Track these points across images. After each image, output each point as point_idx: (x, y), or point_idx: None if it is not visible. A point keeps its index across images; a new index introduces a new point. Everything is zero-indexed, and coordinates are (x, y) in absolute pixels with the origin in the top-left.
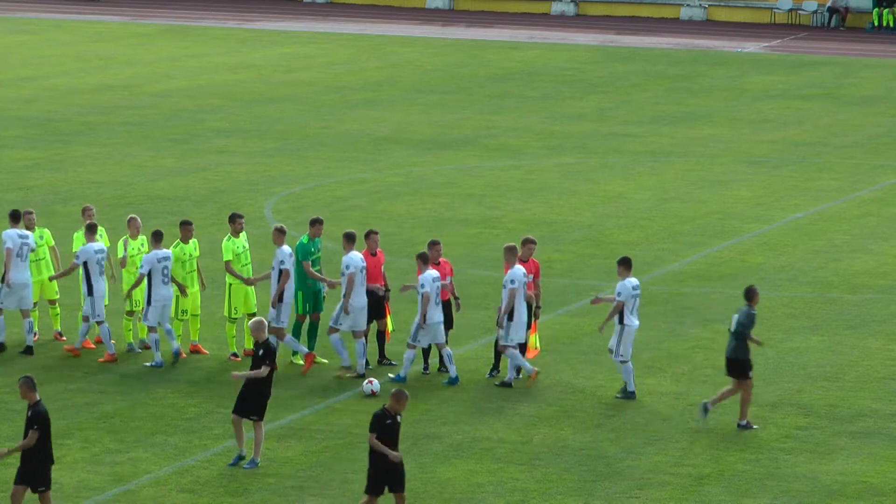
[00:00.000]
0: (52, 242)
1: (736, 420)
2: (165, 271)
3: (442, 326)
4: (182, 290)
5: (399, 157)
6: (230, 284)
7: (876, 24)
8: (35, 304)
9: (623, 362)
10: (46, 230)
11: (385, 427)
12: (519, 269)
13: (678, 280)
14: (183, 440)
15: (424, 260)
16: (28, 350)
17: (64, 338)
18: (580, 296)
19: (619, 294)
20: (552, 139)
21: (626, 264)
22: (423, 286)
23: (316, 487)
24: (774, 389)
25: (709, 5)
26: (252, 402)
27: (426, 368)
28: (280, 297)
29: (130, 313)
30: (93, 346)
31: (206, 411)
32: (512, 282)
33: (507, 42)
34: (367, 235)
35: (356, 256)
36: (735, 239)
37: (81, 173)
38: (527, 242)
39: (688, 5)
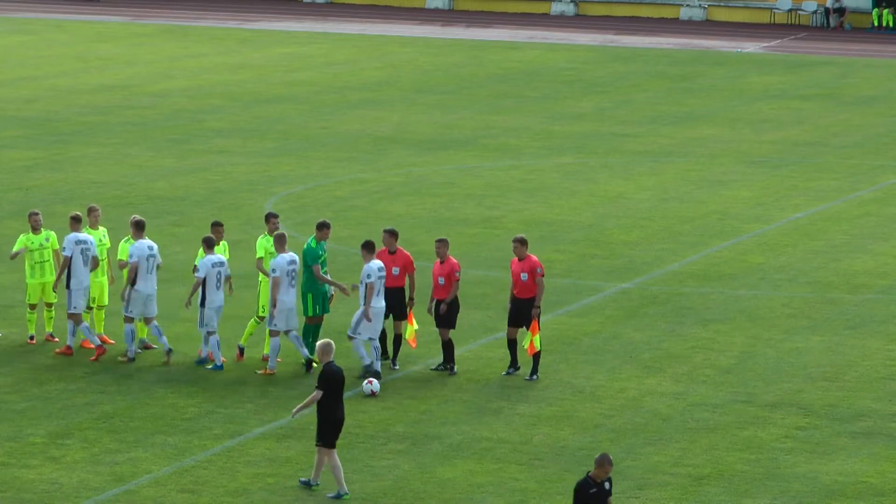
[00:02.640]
0: (57, 246)
1: (735, 420)
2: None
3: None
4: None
5: (399, 157)
6: (262, 282)
7: (876, 24)
8: (34, 306)
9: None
10: (52, 233)
11: (591, 497)
12: (374, 263)
13: (678, 280)
14: (183, 440)
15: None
16: None
17: (56, 339)
18: (580, 296)
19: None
20: (552, 139)
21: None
22: (368, 277)
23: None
24: (774, 389)
25: (708, 5)
26: (320, 427)
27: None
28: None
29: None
30: (91, 346)
31: (206, 411)
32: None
33: (506, 42)
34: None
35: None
36: (735, 239)
37: (81, 173)
38: (514, 242)
39: (687, 5)
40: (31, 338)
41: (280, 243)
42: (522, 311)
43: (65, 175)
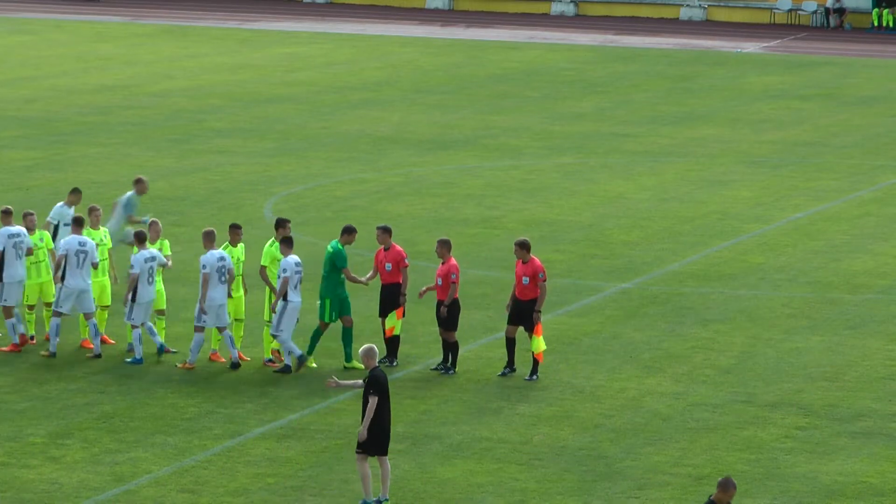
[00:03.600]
0: (52, 245)
1: (735, 420)
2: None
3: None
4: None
5: (399, 157)
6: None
7: (876, 24)
8: (33, 306)
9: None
10: (46, 233)
11: None
12: (291, 258)
13: (678, 280)
14: (183, 440)
15: (288, 245)
16: None
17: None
18: (580, 296)
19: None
20: (552, 139)
21: (287, 243)
22: (284, 271)
23: (316, 487)
24: (774, 389)
25: (708, 6)
26: (371, 435)
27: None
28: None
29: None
30: (92, 344)
31: (206, 411)
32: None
33: (506, 42)
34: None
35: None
36: (735, 239)
37: (81, 173)
38: (515, 245)
39: (687, 5)
40: (32, 338)
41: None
42: (522, 313)
43: (65, 175)
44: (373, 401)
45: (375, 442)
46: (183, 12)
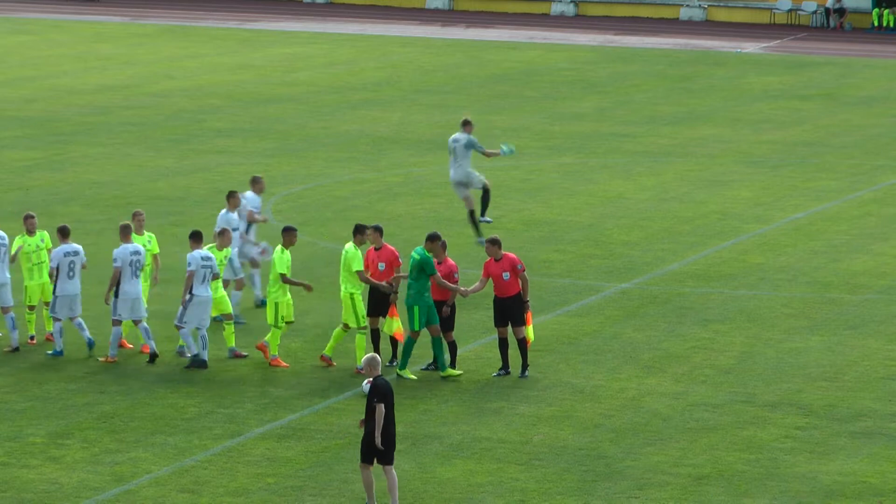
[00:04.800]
0: (51, 245)
1: (735, 420)
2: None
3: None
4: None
5: (399, 157)
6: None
7: (876, 24)
8: (33, 307)
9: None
10: (46, 233)
11: None
12: (198, 252)
13: (678, 280)
14: (183, 440)
15: (196, 239)
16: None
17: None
18: (580, 296)
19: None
20: (552, 139)
21: (195, 238)
22: (189, 265)
23: (316, 487)
24: (774, 389)
25: (708, 6)
26: (371, 444)
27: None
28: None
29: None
30: (129, 345)
31: (206, 411)
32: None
33: (506, 42)
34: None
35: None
36: (734, 239)
37: (81, 173)
38: (487, 243)
39: (687, 6)
40: (32, 338)
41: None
42: (509, 310)
43: (65, 175)
44: (380, 409)
45: (379, 451)
46: (183, 12)
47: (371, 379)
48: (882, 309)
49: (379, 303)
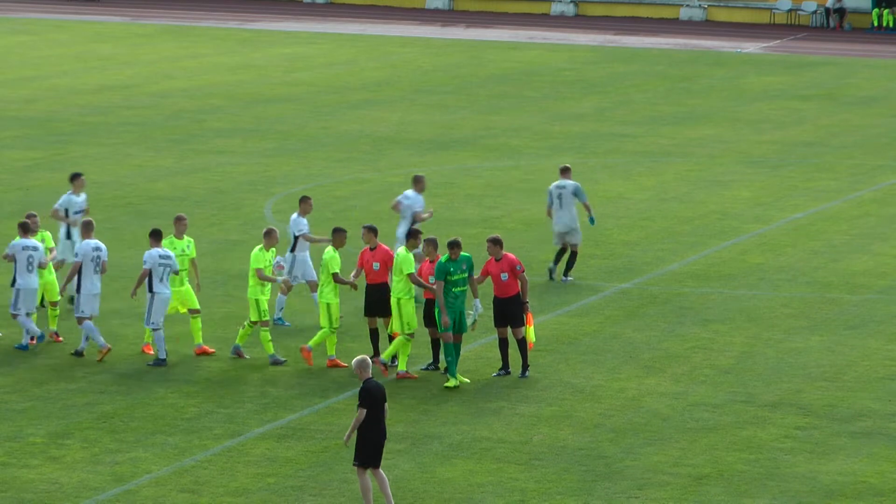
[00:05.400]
0: (52, 244)
1: (735, 420)
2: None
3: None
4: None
5: (399, 157)
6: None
7: (876, 24)
8: (44, 305)
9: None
10: (48, 233)
11: None
12: (155, 250)
13: (678, 280)
14: (183, 440)
15: (156, 238)
16: None
17: (61, 338)
18: (580, 296)
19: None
20: (551, 139)
21: (154, 236)
22: (145, 262)
23: (316, 487)
24: (774, 389)
25: (708, 6)
26: (358, 446)
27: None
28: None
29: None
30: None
31: (206, 411)
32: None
33: (506, 42)
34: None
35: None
36: (734, 239)
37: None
38: (488, 242)
39: (687, 6)
40: (33, 338)
41: (87, 229)
42: (508, 310)
43: (65, 175)
44: (360, 413)
45: (367, 454)
46: (183, 12)
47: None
48: (882, 309)
49: (375, 304)
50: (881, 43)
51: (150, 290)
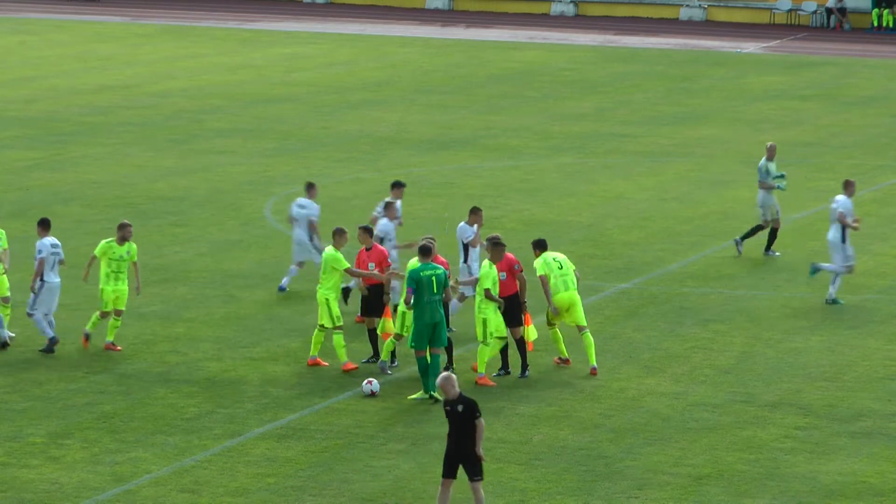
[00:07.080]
0: (6, 245)
1: (735, 420)
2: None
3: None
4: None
5: (399, 157)
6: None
7: (876, 24)
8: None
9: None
10: (2, 231)
11: None
12: (47, 239)
13: (677, 280)
14: (183, 440)
15: (44, 227)
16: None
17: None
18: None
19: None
20: (551, 139)
21: (43, 225)
22: (39, 252)
23: (316, 487)
24: (774, 389)
25: (708, 6)
26: (465, 458)
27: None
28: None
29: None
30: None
31: (206, 411)
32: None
33: (506, 42)
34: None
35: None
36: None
37: (81, 173)
38: (487, 241)
39: (687, 6)
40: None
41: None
42: (506, 310)
43: (65, 175)
44: (481, 422)
45: (454, 465)
46: (183, 12)
47: (371, 379)
48: (882, 309)
49: (372, 304)
50: (881, 43)
51: (42, 278)
